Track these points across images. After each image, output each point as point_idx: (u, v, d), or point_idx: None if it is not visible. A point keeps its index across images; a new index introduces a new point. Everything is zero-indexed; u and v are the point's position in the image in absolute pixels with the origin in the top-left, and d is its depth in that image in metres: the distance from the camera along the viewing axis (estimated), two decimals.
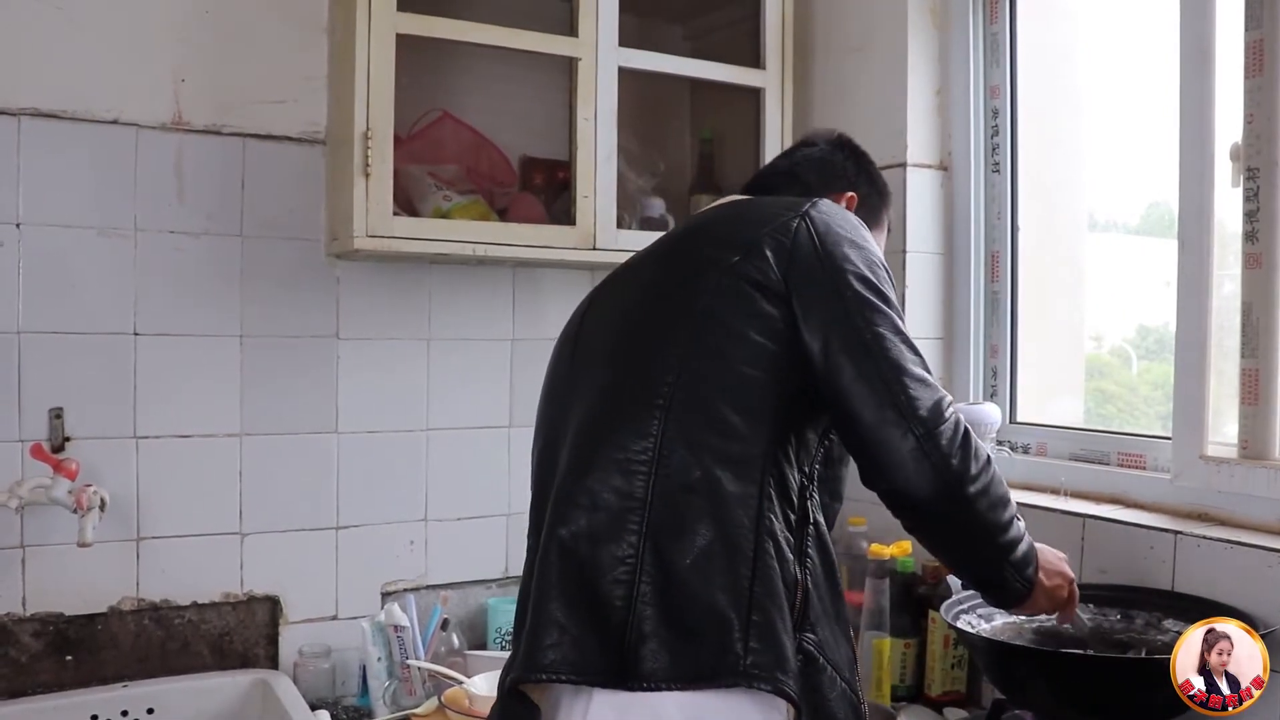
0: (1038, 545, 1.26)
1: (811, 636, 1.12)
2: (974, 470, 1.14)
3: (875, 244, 1.23)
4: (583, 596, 1.07)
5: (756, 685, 1.03)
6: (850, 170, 1.46)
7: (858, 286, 1.15)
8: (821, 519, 1.21)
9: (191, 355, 1.91)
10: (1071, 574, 1.32)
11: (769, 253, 1.16)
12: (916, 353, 1.16)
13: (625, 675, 1.04)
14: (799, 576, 1.12)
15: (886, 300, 1.17)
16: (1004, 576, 1.22)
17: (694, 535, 1.07)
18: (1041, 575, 1.24)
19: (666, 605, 1.05)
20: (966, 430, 1.16)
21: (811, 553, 1.16)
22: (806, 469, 1.19)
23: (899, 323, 1.16)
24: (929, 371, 1.16)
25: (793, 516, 1.14)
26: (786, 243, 1.16)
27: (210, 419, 1.93)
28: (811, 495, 1.19)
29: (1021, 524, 1.22)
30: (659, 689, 1.03)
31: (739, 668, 1.03)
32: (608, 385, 1.19)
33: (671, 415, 1.11)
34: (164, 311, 1.89)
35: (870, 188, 1.47)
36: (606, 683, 1.05)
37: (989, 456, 1.17)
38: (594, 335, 1.28)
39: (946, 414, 1.14)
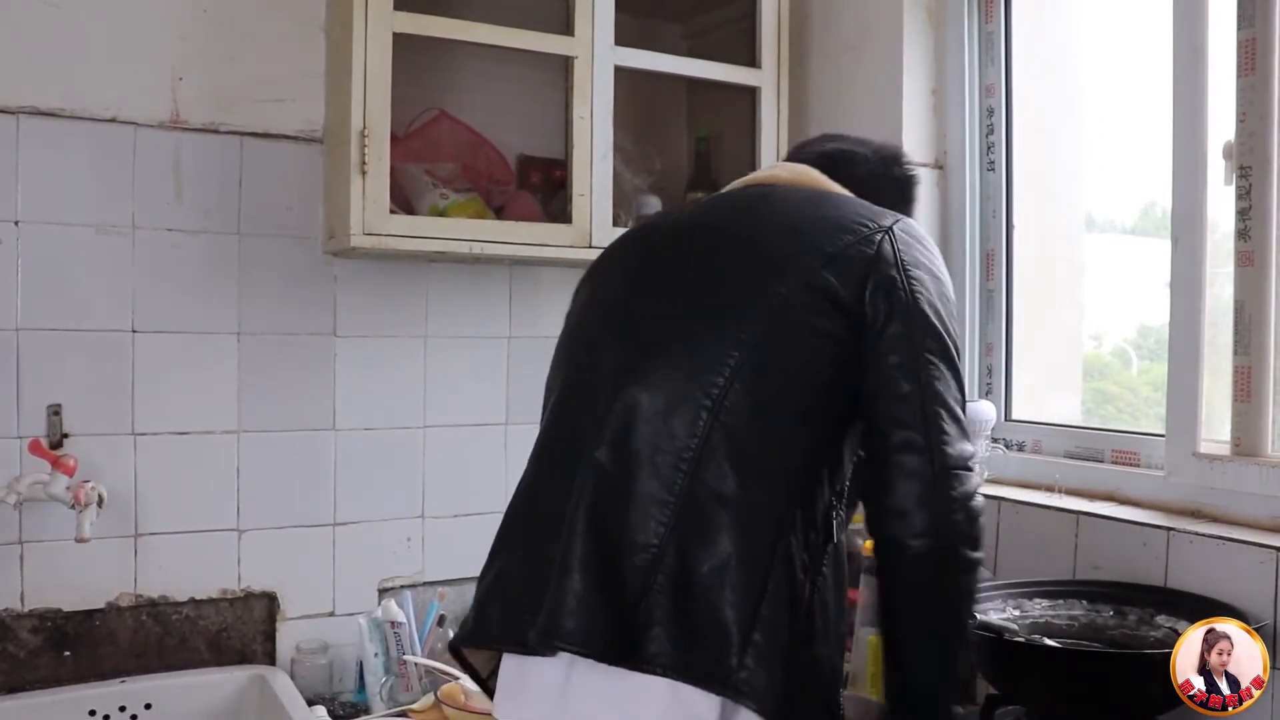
0: None
1: (806, 653, 1.13)
2: (974, 536, 1.14)
3: (948, 274, 1.25)
4: (603, 571, 1.09)
5: (743, 702, 1.06)
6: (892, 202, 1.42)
7: (931, 318, 1.17)
8: (842, 536, 1.21)
9: (189, 352, 1.92)
10: None
11: (852, 266, 1.16)
12: (962, 394, 1.18)
13: (627, 654, 1.07)
14: (807, 597, 1.13)
15: (952, 339, 1.18)
16: (942, 689, 1.17)
17: (716, 545, 1.08)
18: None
19: (678, 602, 1.07)
20: (981, 507, 1.15)
21: (826, 570, 1.16)
22: (838, 486, 1.19)
23: (957, 361, 1.18)
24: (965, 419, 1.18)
25: (815, 536, 1.14)
26: (870, 254, 1.17)
27: (208, 416, 1.94)
28: (838, 513, 1.20)
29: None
30: (656, 673, 1.06)
31: (730, 680, 1.05)
32: (665, 356, 1.16)
33: (719, 420, 1.10)
34: (162, 309, 1.90)
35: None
36: (609, 658, 1.07)
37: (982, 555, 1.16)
38: (662, 278, 1.25)
39: (972, 467, 1.15)
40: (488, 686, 1.27)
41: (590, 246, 1.97)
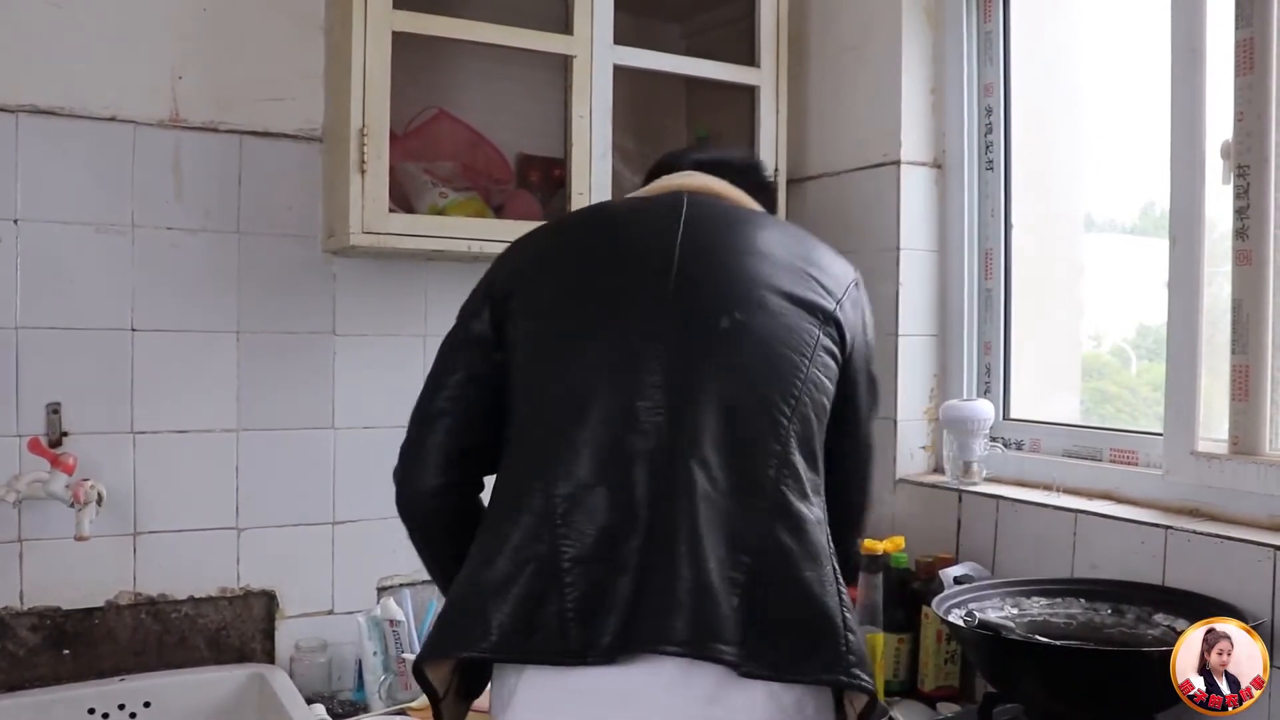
0: None
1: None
2: None
3: None
4: (703, 578, 1.11)
5: (857, 682, 1.13)
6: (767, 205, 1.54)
7: (870, 362, 1.38)
8: None
9: (188, 351, 1.92)
10: None
11: (849, 310, 1.31)
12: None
13: (733, 657, 1.10)
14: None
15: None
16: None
17: (808, 546, 1.17)
18: None
19: (773, 605, 1.13)
20: None
21: None
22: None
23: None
24: None
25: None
26: (857, 308, 1.34)
27: (207, 414, 1.94)
28: None
29: None
30: (762, 676, 1.10)
31: (842, 666, 1.13)
32: (740, 366, 1.21)
33: (793, 429, 1.20)
34: (161, 308, 1.90)
35: None
36: (715, 660, 1.10)
37: None
38: (699, 287, 1.25)
39: None
40: (439, 708, 1.22)
41: None
